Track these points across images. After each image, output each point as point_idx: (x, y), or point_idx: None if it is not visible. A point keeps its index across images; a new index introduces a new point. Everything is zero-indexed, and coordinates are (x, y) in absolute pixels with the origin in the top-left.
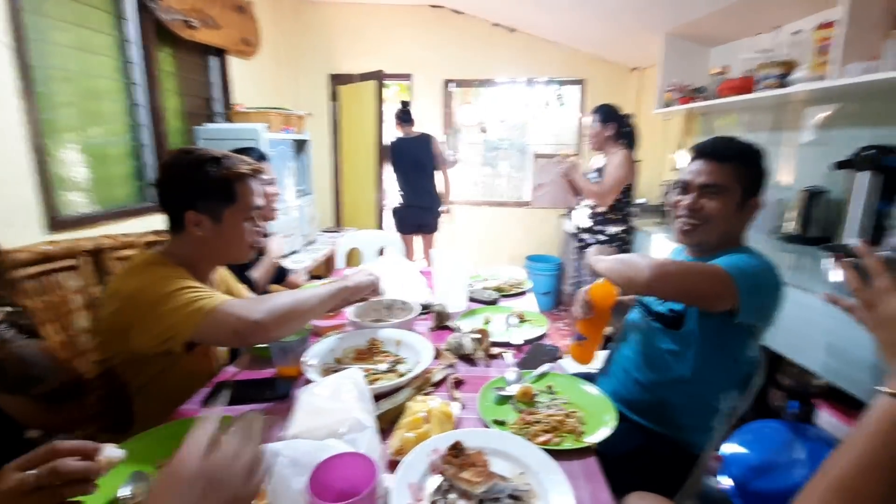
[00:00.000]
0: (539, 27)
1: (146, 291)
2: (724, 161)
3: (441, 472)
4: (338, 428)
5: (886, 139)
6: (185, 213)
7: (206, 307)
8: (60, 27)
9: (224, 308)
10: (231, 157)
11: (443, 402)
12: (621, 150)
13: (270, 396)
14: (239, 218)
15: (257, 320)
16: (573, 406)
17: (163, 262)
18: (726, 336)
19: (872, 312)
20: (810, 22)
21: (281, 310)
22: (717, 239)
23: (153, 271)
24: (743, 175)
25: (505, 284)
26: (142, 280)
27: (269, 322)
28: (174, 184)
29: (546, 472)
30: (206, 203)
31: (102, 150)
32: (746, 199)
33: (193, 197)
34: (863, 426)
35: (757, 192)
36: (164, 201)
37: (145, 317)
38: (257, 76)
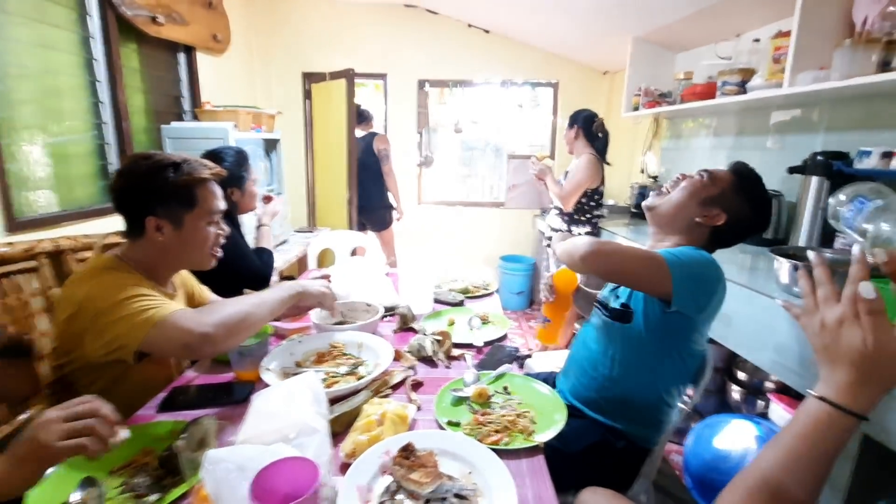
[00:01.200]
0: (513, 29)
1: (98, 298)
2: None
3: (391, 474)
4: (288, 433)
5: (836, 145)
6: (146, 219)
7: (154, 317)
8: (19, 23)
9: (172, 319)
10: (191, 161)
11: (399, 404)
12: (587, 153)
13: (228, 401)
14: (201, 223)
15: (206, 333)
16: (526, 406)
17: (118, 267)
18: (670, 329)
19: (812, 319)
20: (769, 31)
21: (231, 321)
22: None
23: (107, 277)
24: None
25: (471, 286)
26: (94, 286)
27: (218, 334)
28: (133, 190)
29: (492, 471)
30: (167, 209)
31: (64, 149)
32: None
33: (153, 203)
34: (791, 425)
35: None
36: (122, 207)
37: (95, 324)
38: (228, 74)
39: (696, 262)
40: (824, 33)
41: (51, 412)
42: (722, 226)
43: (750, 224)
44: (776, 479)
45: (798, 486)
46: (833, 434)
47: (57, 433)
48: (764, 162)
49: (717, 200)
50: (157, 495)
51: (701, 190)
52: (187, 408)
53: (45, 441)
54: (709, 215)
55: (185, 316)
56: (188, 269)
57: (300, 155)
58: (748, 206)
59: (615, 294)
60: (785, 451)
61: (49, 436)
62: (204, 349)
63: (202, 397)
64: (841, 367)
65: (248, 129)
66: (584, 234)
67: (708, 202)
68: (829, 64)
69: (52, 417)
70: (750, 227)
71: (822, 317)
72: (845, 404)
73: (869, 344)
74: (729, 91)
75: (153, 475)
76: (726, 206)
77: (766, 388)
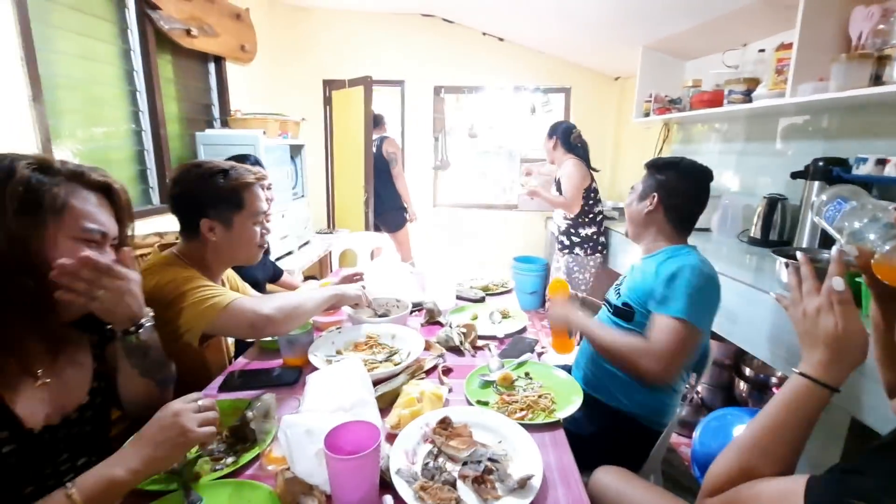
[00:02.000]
0: (527, 37)
1: (165, 289)
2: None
3: (432, 442)
4: (345, 404)
5: (838, 151)
6: (200, 221)
7: (221, 303)
8: (65, 36)
9: (237, 304)
10: (237, 167)
11: (434, 385)
12: (569, 159)
13: (278, 383)
14: (248, 222)
15: (269, 315)
16: (547, 389)
17: (176, 263)
18: None
19: (797, 309)
20: (773, 41)
21: (288, 307)
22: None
23: (169, 271)
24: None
25: (491, 284)
26: (160, 278)
27: (278, 317)
28: (187, 196)
29: (520, 441)
30: (218, 211)
31: (105, 155)
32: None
33: (206, 207)
34: (776, 397)
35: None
36: (178, 211)
37: (164, 312)
38: (254, 82)
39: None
40: (823, 46)
41: (179, 403)
42: (666, 203)
43: (686, 187)
44: (762, 439)
45: (780, 445)
46: (811, 404)
47: (196, 420)
48: (769, 167)
49: (646, 190)
50: (233, 458)
51: (635, 195)
52: (244, 388)
53: (189, 426)
54: (649, 203)
55: (248, 301)
56: (239, 263)
57: (321, 159)
58: (670, 176)
59: (617, 291)
60: (771, 417)
61: (191, 423)
62: (266, 329)
63: (256, 380)
64: (818, 349)
65: (276, 135)
66: (590, 235)
67: (642, 196)
68: (828, 75)
69: (186, 407)
70: (689, 190)
71: (804, 307)
72: (821, 378)
73: (840, 328)
74: (735, 99)
75: (227, 442)
76: (653, 189)
77: (772, 382)
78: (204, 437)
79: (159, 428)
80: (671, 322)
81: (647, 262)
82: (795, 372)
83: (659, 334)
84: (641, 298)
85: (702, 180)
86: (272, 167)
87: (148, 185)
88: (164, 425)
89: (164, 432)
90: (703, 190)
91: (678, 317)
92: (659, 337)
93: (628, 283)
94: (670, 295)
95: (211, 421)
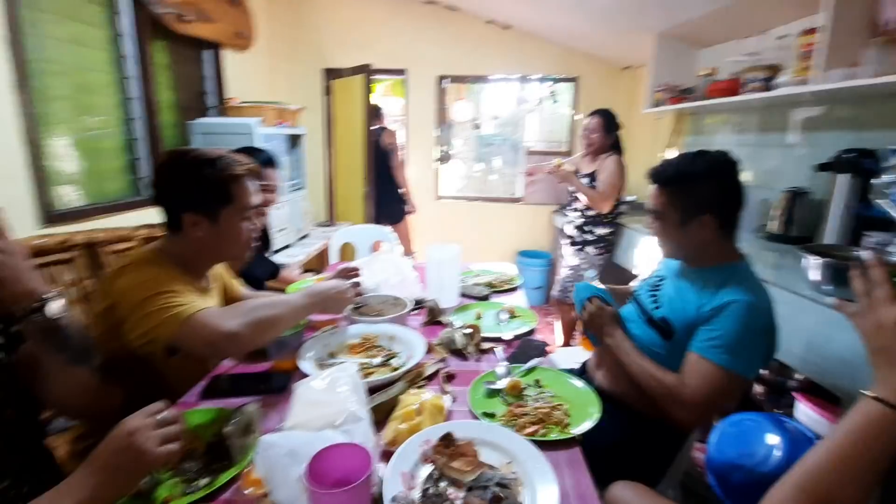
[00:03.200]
0: (533, 25)
1: (134, 291)
2: (663, 185)
3: (432, 462)
4: (334, 419)
5: (866, 142)
6: (183, 215)
7: (182, 314)
8: (55, 21)
9: (199, 317)
10: (226, 157)
11: (435, 395)
12: (612, 155)
13: (266, 389)
14: (236, 218)
15: (232, 331)
16: (560, 399)
17: (156, 261)
18: None
19: (868, 320)
20: (795, 27)
21: (256, 321)
22: (693, 255)
23: (144, 271)
24: (676, 198)
25: (496, 280)
26: (132, 279)
27: (243, 334)
28: (171, 186)
29: (532, 462)
30: (204, 205)
31: (96, 144)
32: (688, 219)
33: (190, 199)
34: (842, 424)
35: (703, 209)
36: (161, 202)
37: (131, 316)
38: (252, 70)
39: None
40: (853, 31)
41: (136, 419)
42: (721, 218)
43: (735, 190)
44: (825, 479)
45: (847, 486)
46: (888, 436)
47: (155, 440)
48: (788, 159)
49: (690, 211)
50: (207, 479)
51: (668, 226)
52: (228, 395)
53: (146, 448)
54: (700, 225)
55: (212, 314)
56: (225, 261)
57: (320, 150)
58: (713, 185)
59: (653, 298)
60: (835, 451)
61: (150, 442)
62: (230, 348)
63: (242, 386)
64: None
65: (274, 124)
66: (605, 234)
67: (685, 220)
68: (859, 61)
69: (143, 424)
70: (738, 191)
71: (878, 318)
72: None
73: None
74: (755, 87)
75: (201, 460)
76: (702, 208)
77: (789, 385)
78: (164, 457)
79: (113, 451)
80: (712, 369)
81: (693, 276)
82: (868, 395)
83: (696, 381)
84: (685, 321)
85: (735, 170)
86: None
87: (139, 176)
88: (118, 447)
89: (118, 456)
90: (739, 183)
91: (722, 366)
92: (695, 384)
93: (668, 294)
94: (717, 336)
95: (173, 436)
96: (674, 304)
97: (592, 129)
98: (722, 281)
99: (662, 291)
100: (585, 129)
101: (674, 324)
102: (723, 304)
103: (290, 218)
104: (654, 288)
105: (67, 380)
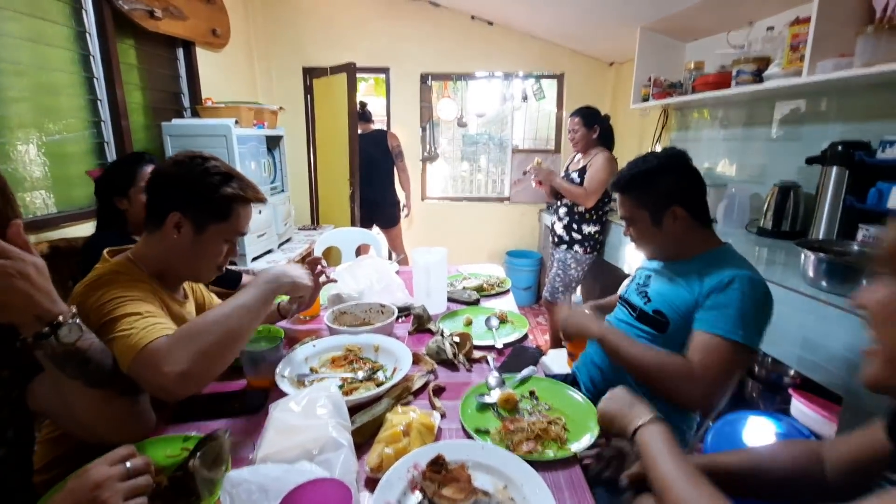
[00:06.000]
0: (517, 21)
1: (103, 308)
2: (624, 192)
3: (421, 490)
4: (311, 448)
5: (856, 134)
6: (170, 213)
7: (137, 346)
8: (9, 17)
9: (147, 354)
10: (243, 178)
11: (423, 412)
12: (602, 151)
13: (241, 410)
14: (220, 237)
15: (181, 371)
16: (557, 412)
17: (128, 272)
18: None
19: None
20: (783, 18)
21: (207, 347)
22: (675, 251)
23: (116, 284)
24: (641, 199)
25: (485, 284)
26: (102, 294)
27: (195, 370)
28: (176, 182)
29: (530, 486)
30: (197, 211)
31: (61, 148)
32: (659, 215)
33: (188, 200)
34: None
35: (670, 202)
36: (155, 192)
37: (100, 334)
38: (229, 69)
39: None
40: (844, 20)
41: (102, 468)
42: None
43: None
44: None
45: None
46: None
47: (121, 493)
48: (777, 153)
49: (659, 207)
50: None
51: (643, 226)
52: (198, 418)
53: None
54: (673, 218)
55: (160, 348)
56: (187, 278)
57: (302, 152)
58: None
59: (642, 294)
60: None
61: (115, 497)
62: (186, 389)
63: (214, 406)
64: None
65: (250, 125)
66: (592, 233)
67: (656, 218)
68: (850, 51)
69: (109, 475)
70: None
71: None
72: None
73: None
74: (744, 80)
75: (164, 496)
76: (668, 201)
77: (785, 383)
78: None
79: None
80: (722, 344)
81: (679, 267)
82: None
83: (706, 357)
84: (680, 309)
85: (687, 161)
86: (246, 159)
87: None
88: (79, 502)
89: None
90: (695, 170)
91: (731, 339)
92: (706, 361)
93: (657, 288)
94: (722, 311)
95: (141, 490)
96: (666, 297)
97: (573, 127)
98: (713, 264)
99: (652, 287)
100: (570, 130)
101: (668, 315)
102: (723, 280)
103: (269, 222)
104: (642, 286)
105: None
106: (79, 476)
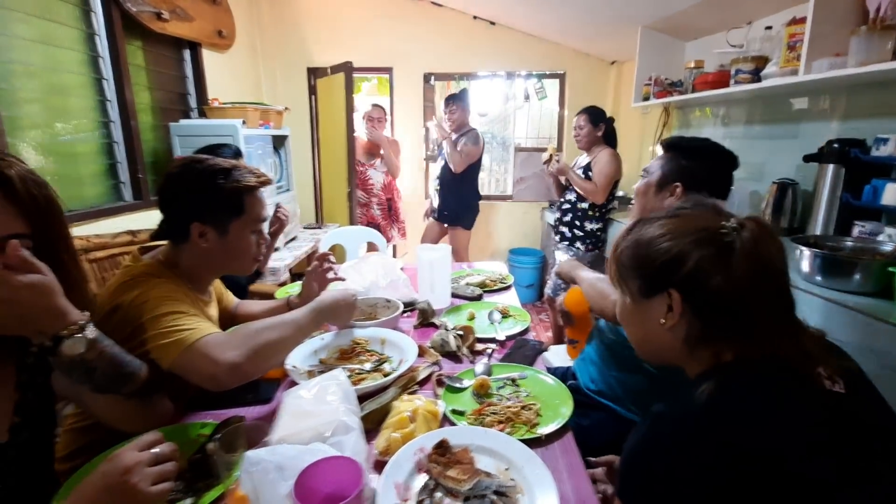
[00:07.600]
0: (519, 20)
1: (140, 308)
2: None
3: (427, 471)
4: (323, 431)
5: (852, 132)
6: (191, 225)
7: (183, 343)
8: (22, 19)
9: (200, 347)
10: (240, 168)
11: (428, 400)
12: (605, 147)
13: (254, 399)
14: (246, 230)
15: (234, 363)
16: (534, 399)
17: (162, 273)
18: None
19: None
20: (781, 18)
21: (259, 348)
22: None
23: (152, 284)
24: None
25: (488, 280)
26: (140, 294)
27: (246, 364)
28: (182, 195)
29: (530, 467)
30: (214, 215)
31: (71, 148)
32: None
33: (201, 209)
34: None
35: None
36: (168, 210)
37: (135, 334)
38: (234, 70)
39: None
40: (839, 20)
41: (131, 454)
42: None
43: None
44: None
45: None
46: None
47: (150, 478)
48: (776, 150)
49: (667, 177)
50: (191, 499)
51: (651, 181)
52: (213, 407)
53: (140, 488)
54: (670, 193)
55: (214, 343)
56: (230, 274)
57: (307, 151)
58: (697, 164)
59: None
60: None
61: (144, 482)
62: (232, 380)
63: (228, 396)
64: None
65: (257, 125)
66: (594, 230)
67: (661, 184)
68: (845, 51)
69: (138, 460)
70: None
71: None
72: None
73: None
74: (743, 79)
75: (184, 478)
76: (676, 176)
77: None
78: (157, 498)
79: (104, 488)
80: None
81: None
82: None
83: None
84: None
85: (729, 168)
86: (254, 159)
87: (119, 180)
88: (110, 486)
89: (110, 495)
90: (729, 179)
91: None
92: None
93: None
94: None
95: (168, 475)
96: None
97: (580, 124)
98: None
99: None
100: (575, 128)
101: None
102: None
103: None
104: None
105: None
106: (110, 460)
